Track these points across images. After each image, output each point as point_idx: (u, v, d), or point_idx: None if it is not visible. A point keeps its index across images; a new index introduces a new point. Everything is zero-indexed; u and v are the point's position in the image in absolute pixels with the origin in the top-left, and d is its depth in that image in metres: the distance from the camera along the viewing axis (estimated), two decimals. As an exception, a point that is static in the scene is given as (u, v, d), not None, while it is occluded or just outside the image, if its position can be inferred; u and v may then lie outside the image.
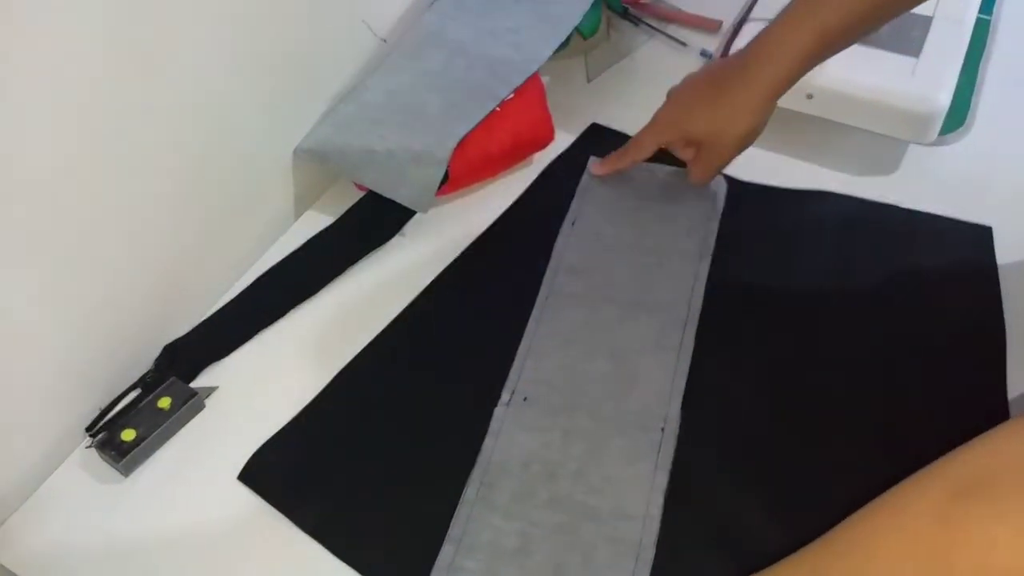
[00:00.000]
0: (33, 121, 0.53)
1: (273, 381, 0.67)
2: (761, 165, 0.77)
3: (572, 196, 0.77)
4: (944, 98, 0.74)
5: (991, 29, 0.86)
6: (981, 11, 0.84)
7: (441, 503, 0.59)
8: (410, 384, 0.66)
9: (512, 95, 0.76)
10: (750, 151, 0.77)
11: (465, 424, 0.63)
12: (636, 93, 0.87)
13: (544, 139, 0.79)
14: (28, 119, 0.52)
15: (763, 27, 0.66)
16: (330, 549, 0.58)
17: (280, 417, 0.64)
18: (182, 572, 0.58)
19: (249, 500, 0.61)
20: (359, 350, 0.68)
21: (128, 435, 0.62)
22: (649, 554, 0.55)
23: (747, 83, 0.65)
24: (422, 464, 0.61)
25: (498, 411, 0.62)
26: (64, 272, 0.59)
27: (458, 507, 0.57)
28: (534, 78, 0.78)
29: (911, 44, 0.77)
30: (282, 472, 0.61)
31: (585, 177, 0.78)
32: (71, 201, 0.57)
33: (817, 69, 0.75)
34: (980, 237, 0.72)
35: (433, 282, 0.72)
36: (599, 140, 0.82)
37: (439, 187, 0.73)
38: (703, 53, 0.90)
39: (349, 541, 0.58)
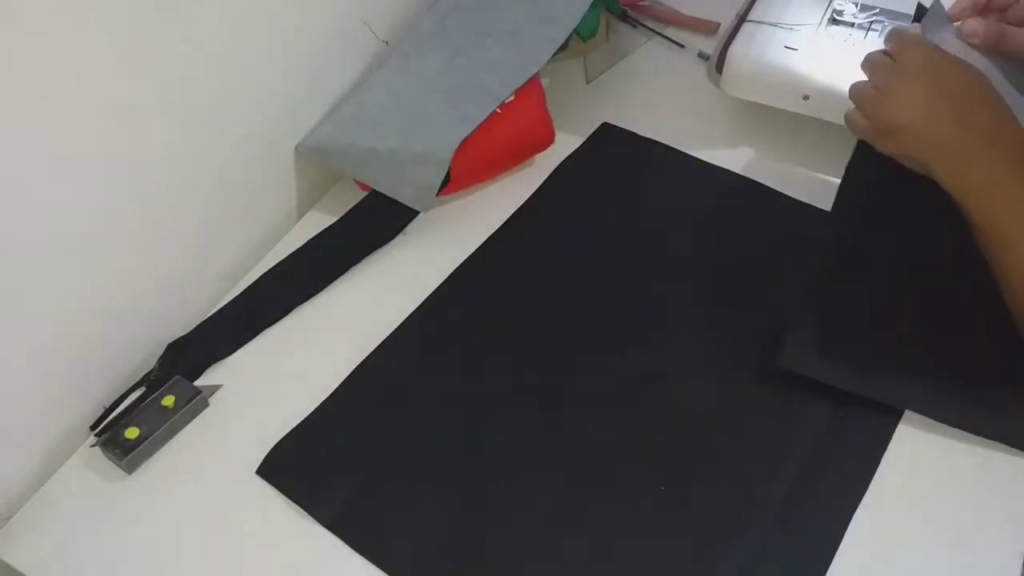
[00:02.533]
0: (33, 121, 0.53)
1: (276, 379, 0.67)
2: (757, 167, 0.78)
3: (584, 195, 0.78)
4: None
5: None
6: (976, 12, 0.85)
7: (458, 496, 0.60)
8: (428, 379, 0.66)
9: (512, 97, 0.77)
10: (745, 151, 0.78)
11: (480, 419, 0.64)
12: (635, 94, 0.88)
13: (544, 140, 0.80)
14: (29, 119, 0.53)
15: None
16: (348, 543, 0.58)
17: (284, 415, 0.64)
18: (184, 569, 0.58)
19: (252, 497, 0.61)
20: (368, 347, 0.68)
21: (132, 433, 0.63)
22: None
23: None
24: (439, 458, 0.62)
25: None
26: (67, 270, 0.59)
27: None
28: (533, 80, 0.78)
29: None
30: (301, 466, 0.62)
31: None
32: (73, 200, 0.58)
33: (814, 69, 0.76)
34: None
35: (449, 277, 0.73)
36: (610, 139, 0.83)
37: (440, 187, 0.73)
38: (701, 55, 0.91)
39: (367, 535, 0.59)
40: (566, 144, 0.82)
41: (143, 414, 0.64)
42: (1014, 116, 0.60)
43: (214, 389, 0.66)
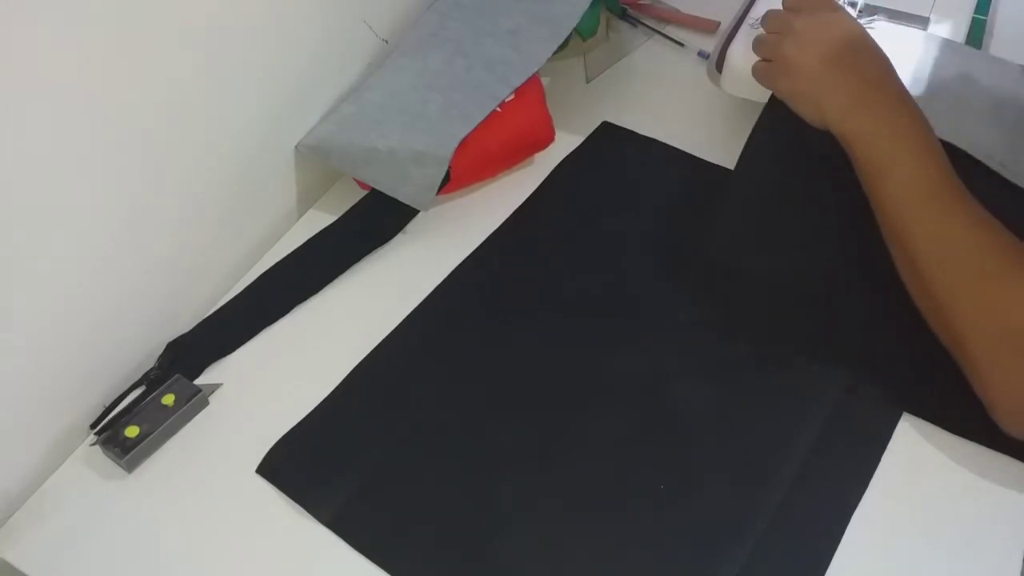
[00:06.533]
0: (33, 120, 0.53)
1: (277, 378, 0.67)
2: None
3: (584, 194, 0.78)
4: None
5: (987, 29, 0.87)
6: (976, 11, 0.85)
7: (459, 495, 0.60)
8: (428, 379, 0.66)
9: (512, 95, 0.77)
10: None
11: (480, 418, 0.64)
12: (635, 93, 0.88)
13: (544, 139, 0.80)
14: (28, 118, 0.53)
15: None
16: (349, 542, 0.58)
17: (284, 414, 0.64)
18: (184, 567, 0.58)
19: (252, 496, 0.61)
20: (368, 346, 0.68)
21: (132, 432, 0.63)
22: None
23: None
24: (439, 458, 0.62)
25: None
26: (66, 270, 0.59)
27: None
28: (533, 79, 0.78)
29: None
30: (301, 465, 0.62)
31: None
32: (72, 199, 0.58)
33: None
34: None
35: (449, 277, 0.72)
36: (610, 138, 0.83)
37: (440, 186, 0.73)
38: (700, 54, 0.91)
39: (367, 534, 0.59)
40: (566, 143, 0.82)
41: (143, 413, 0.64)
42: (894, 70, 0.65)
43: (214, 388, 0.66)
